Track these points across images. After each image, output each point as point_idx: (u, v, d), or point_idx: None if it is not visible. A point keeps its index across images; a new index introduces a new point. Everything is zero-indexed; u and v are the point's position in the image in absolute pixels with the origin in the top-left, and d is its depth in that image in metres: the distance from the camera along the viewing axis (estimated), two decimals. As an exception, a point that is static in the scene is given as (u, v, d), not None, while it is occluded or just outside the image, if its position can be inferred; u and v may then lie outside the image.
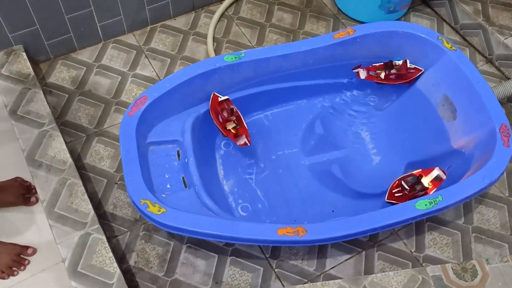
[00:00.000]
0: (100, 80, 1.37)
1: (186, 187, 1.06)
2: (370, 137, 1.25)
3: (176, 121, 1.14)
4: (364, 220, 0.96)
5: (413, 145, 1.20)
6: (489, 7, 1.47)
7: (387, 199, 1.05)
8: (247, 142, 1.14)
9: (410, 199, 1.04)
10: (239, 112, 1.17)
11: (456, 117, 1.15)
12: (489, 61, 1.47)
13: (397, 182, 1.07)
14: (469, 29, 1.49)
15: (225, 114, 1.15)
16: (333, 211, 1.13)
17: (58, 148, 1.14)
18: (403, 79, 1.23)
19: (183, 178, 1.07)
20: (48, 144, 1.14)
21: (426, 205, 0.97)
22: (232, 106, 1.16)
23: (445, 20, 1.56)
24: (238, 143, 1.14)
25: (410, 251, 1.13)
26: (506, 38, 1.41)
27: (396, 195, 1.05)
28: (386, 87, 1.28)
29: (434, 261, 1.11)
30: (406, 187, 1.04)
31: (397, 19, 1.55)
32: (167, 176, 1.07)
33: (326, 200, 1.16)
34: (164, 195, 1.03)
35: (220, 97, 1.16)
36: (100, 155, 1.23)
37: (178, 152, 1.11)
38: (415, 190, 1.04)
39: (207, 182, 1.08)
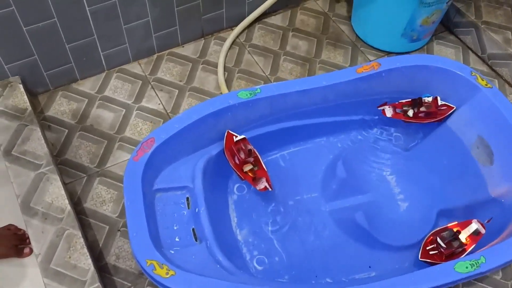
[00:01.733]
0: (102, 113, 1.27)
1: (196, 240, 0.96)
2: (396, 180, 1.15)
3: (185, 165, 1.04)
4: (398, 284, 0.86)
5: (444, 190, 1.09)
6: (520, 37, 1.38)
7: (421, 258, 0.94)
8: (267, 186, 1.04)
9: (446, 257, 0.93)
10: (257, 153, 1.07)
11: (493, 161, 1.05)
12: (520, 93, 1.37)
13: (431, 237, 0.96)
14: (498, 59, 1.39)
15: (242, 155, 1.05)
16: (369, 266, 1.03)
17: (56, 194, 1.03)
18: (433, 118, 1.12)
19: (193, 229, 0.97)
20: (45, 188, 1.04)
21: (467, 267, 0.86)
22: (250, 147, 1.07)
23: (471, 49, 1.46)
24: (257, 188, 1.04)
25: (444, 310, 1.02)
26: (539, 70, 1.32)
27: (431, 252, 0.94)
28: (413, 125, 1.18)
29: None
30: (443, 244, 0.93)
31: (421, 48, 1.46)
32: (175, 228, 0.97)
33: (350, 252, 1.05)
34: (173, 251, 0.92)
35: (236, 136, 1.06)
36: (101, 198, 1.13)
37: (187, 199, 1.01)
38: (452, 247, 0.93)
39: (219, 233, 0.97)
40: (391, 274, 1.00)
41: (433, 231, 0.98)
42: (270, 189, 1.04)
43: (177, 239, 0.95)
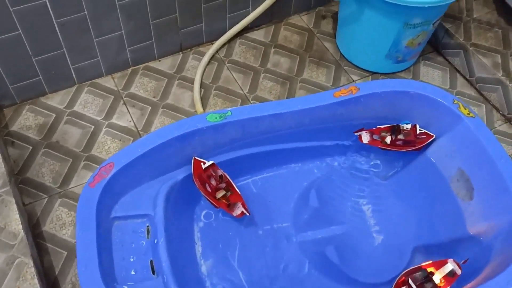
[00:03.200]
0: (70, 129, 1.21)
1: (154, 273, 0.90)
2: (371, 210, 1.09)
3: (147, 191, 0.98)
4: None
5: (421, 225, 1.04)
6: (510, 61, 1.32)
7: (391, 301, 0.89)
8: (244, 211, 0.99)
9: (418, 301, 0.88)
10: (228, 177, 1.02)
11: (473, 197, 0.99)
12: (508, 120, 1.31)
13: (403, 278, 0.91)
14: (487, 83, 1.34)
15: (213, 182, 1.00)
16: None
17: (9, 217, 0.98)
18: (412, 146, 1.07)
19: (151, 262, 0.91)
20: (-1, 211, 0.99)
21: (438, 314, 0.81)
22: (220, 172, 1.01)
23: (459, 71, 1.41)
24: (234, 214, 0.99)
25: None
26: (528, 97, 1.26)
27: (401, 295, 0.89)
28: (392, 153, 1.12)
29: None
30: (414, 287, 0.88)
31: (407, 69, 1.40)
32: (132, 260, 0.91)
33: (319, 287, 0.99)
34: (126, 287, 0.87)
35: (205, 163, 1.00)
36: (62, 221, 1.07)
37: (148, 228, 0.95)
38: (425, 290, 0.88)
39: (180, 266, 0.92)
40: (361, 313, 0.95)
41: (405, 271, 0.92)
42: (247, 214, 0.99)
43: (132, 272, 0.90)
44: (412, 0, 1.13)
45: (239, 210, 0.99)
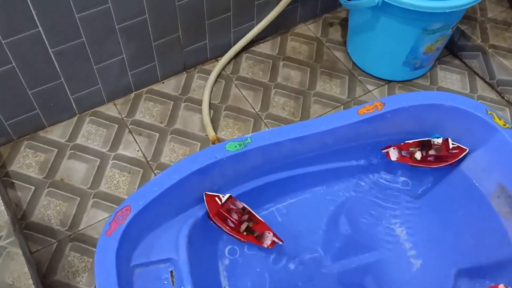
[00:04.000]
0: (74, 165, 1.13)
1: (183, 325, 0.82)
2: (406, 233, 1.02)
3: (167, 232, 0.90)
4: None
5: (462, 246, 0.97)
6: (532, 62, 1.26)
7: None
8: (276, 240, 0.92)
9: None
10: (249, 207, 0.94)
11: (517, 214, 0.93)
12: (534, 123, 1.25)
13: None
14: (509, 85, 1.28)
15: (235, 216, 0.92)
16: None
17: (17, 272, 0.89)
18: (444, 162, 1.00)
19: (179, 312, 0.84)
20: (5, 266, 0.89)
21: None
22: (239, 204, 0.94)
23: (477, 74, 1.34)
24: (265, 245, 0.92)
25: None
26: (554, 98, 1.20)
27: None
28: (420, 168, 1.06)
29: None
30: (469, 321, 0.81)
31: (423, 75, 1.34)
32: (158, 311, 0.84)
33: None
34: None
35: (220, 197, 0.93)
36: (74, 268, 0.99)
37: (171, 272, 0.87)
38: (480, 323, 0.81)
39: (210, 313, 0.84)
40: None
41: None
42: (280, 242, 0.92)
43: (159, 326, 0.82)
44: (433, 6, 1.06)
45: (269, 240, 0.91)
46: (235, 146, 0.94)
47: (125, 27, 1.10)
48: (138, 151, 1.16)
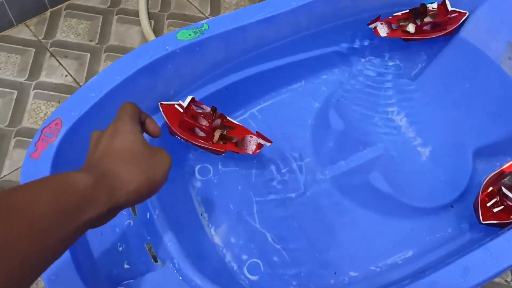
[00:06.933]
0: (-16, 101, 0.88)
1: (156, 261, 0.63)
2: (407, 121, 0.86)
3: (118, 151, 0.69)
4: (472, 266, 0.57)
5: (475, 123, 0.82)
6: None
7: (483, 220, 0.66)
8: (262, 142, 0.72)
9: (516, 212, 0.66)
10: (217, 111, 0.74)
11: (535, 72, 0.78)
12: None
13: (487, 189, 0.69)
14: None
15: (205, 122, 0.71)
16: (401, 244, 0.74)
17: None
18: (443, 29, 0.84)
19: (148, 247, 0.64)
20: None
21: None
22: (205, 107, 0.73)
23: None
24: (249, 151, 0.72)
25: None
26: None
27: (494, 210, 0.66)
28: (412, 46, 0.89)
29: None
30: (511, 195, 0.66)
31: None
32: (120, 249, 0.63)
33: (371, 230, 0.76)
34: (123, 289, 0.59)
35: (182, 103, 0.72)
36: None
37: (131, 201, 0.67)
38: (522, 196, 0.66)
39: (188, 243, 0.65)
40: (435, 249, 0.73)
41: (486, 180, 0.70)
42: (268, 143, 0.72)
43: (126, 266, 0.62)
44: None
45: (253, 144, 0.72)
46: (189, 35, 0.73)
47: None
48: (66, 76, 0.93)
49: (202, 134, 0.72)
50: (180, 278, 0.60)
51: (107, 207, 0.38)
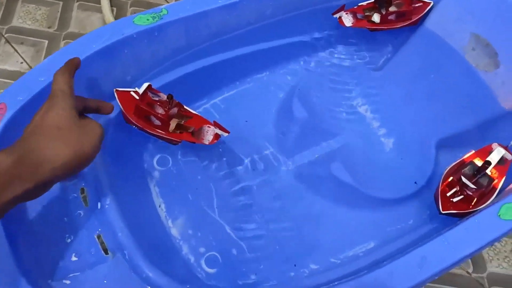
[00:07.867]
0: None
1: (107, 253, 0.60)
2: (370, 110, 0.85)
3: (69, 139, 0.66)
4: (429, 255, 0.56)
5: (440, 113, 0.81)
6: None
7: (443, 210, 0.66)
8: (219, 132, 0.70)
9: (476, 202, 0.65)
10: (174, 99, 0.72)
11: (498, 63, 0.78)
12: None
13: (448, 178, 0.68)
14: None
15: (161, 110, 0.69)
16: (362, 235, 0.72)
17: None
18: (407, 19, 0.83)
19: (98, 237, 0.61)
20: None
21: (517, 211, 0.59)
22: (162, 95, 0.71)
23: None
24: (205, 142, 0.70)
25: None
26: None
27: (454, 200, 0.66)
28: (378, 36, 0.88)
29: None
30: (471, 185, 0.65)
31: None
32: (69, 241, 0.60)
33: (332, 222, 0.74)
34: (68, 281, 0.56)
35: (136, 91, 0.69)
36: None
37: (83, 191, 0.64)
38: (482, 186, 0.65)
39: (141, 235, 0.62)
40: (395, 239, 0.72)
41: (447, 170, 0.70)
42: (225, 134, 0.70)
43: (74, 258, 0.59)
44: None
45: (210, 134, 0.70)
46: (147, 20, 0.71)
47: None
48: (22, 63, 0.89)
49: (157, 122, 0.69)
50: (130, 269, 0.57)
51: (33, 183, 0.39)
